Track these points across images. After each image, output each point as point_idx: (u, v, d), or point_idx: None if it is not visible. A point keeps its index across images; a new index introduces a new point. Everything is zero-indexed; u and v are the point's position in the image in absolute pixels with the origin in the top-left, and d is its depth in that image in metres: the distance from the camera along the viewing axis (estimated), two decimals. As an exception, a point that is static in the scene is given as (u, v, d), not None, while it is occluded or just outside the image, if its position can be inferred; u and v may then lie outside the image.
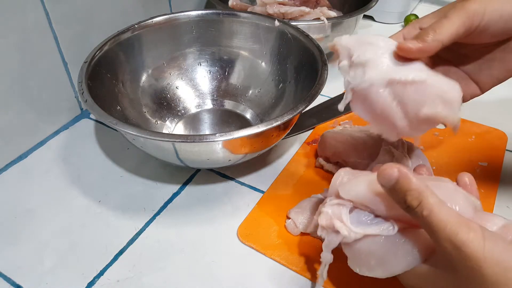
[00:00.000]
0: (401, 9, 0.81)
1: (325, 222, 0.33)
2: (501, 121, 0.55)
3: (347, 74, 0.34)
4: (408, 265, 0.30)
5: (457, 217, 0.27)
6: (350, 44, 0.34)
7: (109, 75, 0.50)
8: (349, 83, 0.34)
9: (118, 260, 0.41)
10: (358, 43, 0.34)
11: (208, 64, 0.59)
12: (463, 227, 0.26)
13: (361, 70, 0.33)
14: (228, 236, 0.43)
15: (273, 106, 0.56)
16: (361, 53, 0.33)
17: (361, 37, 0.34)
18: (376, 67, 0.32)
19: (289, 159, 0.51)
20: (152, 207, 0.46)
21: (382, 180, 0.29)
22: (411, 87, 0.31)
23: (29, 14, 0.48)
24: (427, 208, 0.27)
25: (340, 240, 0.32)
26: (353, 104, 0.35)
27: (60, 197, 0.47)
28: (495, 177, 0.48)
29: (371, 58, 0.33)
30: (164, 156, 0.44)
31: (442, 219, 0.26)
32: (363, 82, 0.32)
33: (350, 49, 0.34)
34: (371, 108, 0.33)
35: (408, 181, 0.28)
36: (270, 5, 0.64)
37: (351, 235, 0.31)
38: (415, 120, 0.32)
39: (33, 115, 0.52)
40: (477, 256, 0.25)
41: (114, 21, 0.59)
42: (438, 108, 0.31)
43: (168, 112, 0.56)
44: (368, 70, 0.32)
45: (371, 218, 0.32)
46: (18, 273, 0.40)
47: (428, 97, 0.31)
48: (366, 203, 0.32)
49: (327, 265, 0.34)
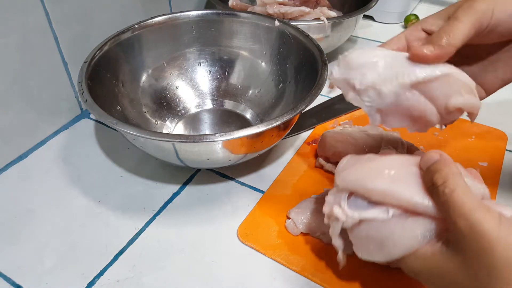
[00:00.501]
0: (401, 9, 0.81)
1: (327, 210, 0.34)
2: (501, 121, 0.55)
3: (361, 102, 0.34)
4: (407, 248, 0.30)
5: (478, 201, 0.27)
6: (343, 74, 0.34)
7: (109, 75, 0.50)
8: (370, 106, 0.33)
9: (118, 260, 0.41)
10: (350, 70, 0.33)
11: (208, 64, 0.59)
12: (482, 208, 0.26)
13: (373, 91, 0.32)
14: (228, 236, 0.43)
15: (273, 106, 0.56)
16: (361, 78, 0.33)
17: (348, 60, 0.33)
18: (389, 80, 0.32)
19: (289, 159, 0.51)
20: (152, 207, 0.46)
21: (423, 163, 0.31)
22: (436, 82, 0.31)
23: (29, 14, 0.48)
24: (450, 186, 0.28)
25: (340, 225, 0.33)
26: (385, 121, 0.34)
27: (60, 197, 0.47)
28: (495, 177, 0.48)
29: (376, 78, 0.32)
30: (164, 156, 0.44)
31: (462, 198, 0.27)
32: (386, 98, 0.32)
33: (346, 80, 0.33)
34: (406, 114, 0.33)
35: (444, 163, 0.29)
36: (270, 5, 0.64)
37: (348, 220, 0.32)
38: (444, 112, 0.33)
39: (33, 115, 0.52)
40: (491, 236, 0.25)
41: (114, 21, 0.59)
42: (465, 98, 0.32)
43: (168, 112, 0.56)
44: (382, 87, 0.32)
45: (367, 202, 0.32)
46: (18, 273, 0.40)
47: (454, 89, 0.32)
48: (359, 190, 0.33)
49: (341, 249, 0.35)
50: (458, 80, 0.32)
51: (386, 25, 0.82)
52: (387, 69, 0.32)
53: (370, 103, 0.33)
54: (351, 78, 0.33)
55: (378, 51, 0.34)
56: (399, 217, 0.31)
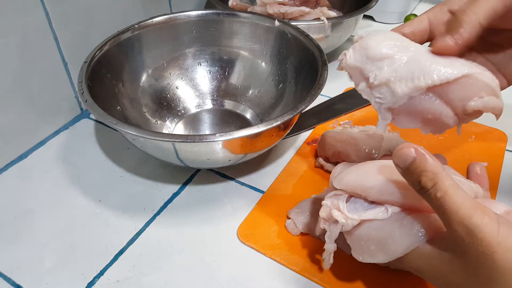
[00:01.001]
0: (401, 9, 0.81)
1: (325, 214, 0.34)
2: (501, 121, 0.55)
3: (371, 97, 0.32)
4: (408, 246, 0.30)
5: (472, 201, 0.26)
6: (358, 62, 0.32)
7: (109, 75, 0.50)
8: (381, 104, 0.32)
9: (118, 260, 0.41)
10: (367, 60, 0.31)
11: (208, 64, 0.59)
12: (478, 211, 0.25)
13: (386, 89, 0.31)
14: (228, 236, 0.43)
15: (273, 106, 0.56)
16: (377, 73, 0.31)
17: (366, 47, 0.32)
18: (404, 80, 0.30)
19: (289, 159, 0.51)
20: (152, 207, 0.46)
21: (397, 160, 0.28)
22: (454, 84, 0.30)
23: (29, 14, 0.48)
24: (441, 189, 0.26)
25: (340, 229, 0.33)
26: (396, 121, 0.33)
27: (60, 197, 0.47)
28: (495, 177, 0.48)
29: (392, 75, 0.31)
30: (164, 156, 0.44)
31: (456, 201, 0.26)
32: (399, 99, 0.31)
33: (361, 69, 0.32)
34: (419, 117, 0.32)
35: (425, 161, 0.27)
36: (270, 5, 0.64)
37: (348, 222, 0.32)
38: (462, 114, 0.31)
39: (33, 115, 0.52)
40: (491, 241, 0.25)
41: (114, 21, 0.59)
42: (484, 100, 0.30)
43: (168, 112, 0.56)
44: (396, 86, 0.30)
45: (366, 204, 0.33)
46: (18, 273, 0.40)
47: (473, 91, 0.30)
48: (357, 190, 0.33)
49: (331, 253, 0.35)
50: (478, 81, 0.30)
51: (386, 25, 0.82)
52: (405, 66, 0.30)
53: (381, 100, 0.32)
54: (366, 69, 0.31)
55: (400, 41, 0.32)
56: (398, 215, 0.31)
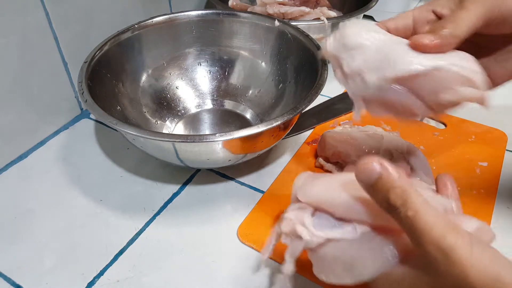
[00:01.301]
0: (401, 9, 0.81)
1: (288, 228, 0.31)
2: (501, 121, 0.55)
3: (346, 84, 0.32)
4: (378, 269, 0.27)
5: (444, 220, 0.24)
6: (336, 50, 0.32)
7: (109, 75, 0.50)
8: (354, 92, 0.32)
9: (118, 260, 0.41)
10: (343, 48, 0.31)
11: (208, 64, 0.59)
12: (451, 231, 0.24)
13: (359, 78, 0.31)
14: (228, 236, 0.43)
15: (273, 106, 0.56)
16: (349, 61, 0.31)
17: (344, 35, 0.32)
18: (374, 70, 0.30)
19: (289, 159, 0.51)
20: (152, 207, 0.46)
21: (361, 177, 0.26)
22: (423, 77, 0.29)
23: (29, 14, 0.48)
24: (412, 208, 0.24)
25: (303, 246, 0.30)
26: (369, 109, 0.33)
27: (60, 197, 0.47)
28: (495, 177, 0.48)
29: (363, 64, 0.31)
30: (164, 156, 0.44)
31: (428, 221, 0.24)
32: (368, 89, 0.31)
33: (337, 57, 0.32)
34: (390, 107, 0.32)
35: (392, 178, 0.25)
36: (270, 5, 0.64)
37: (313, 239, 0.29)
38: (436, 105, 0.31)
39: (33, 115, 0.52)
40: (464, 263, 0.23)
41: (114, 21, 0.59)
42: (459, 92, 0.29)
43: (168, 112, 0.56)
44: (366, 76, 0.30)
45: (333, 220, 0.30)
46: (18, 273, 0.40)
47: (444, 84, 0.29)
48: (323, 205, 0.30)
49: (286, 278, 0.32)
50: (450, 73, 0.29)
51: (386, 25, 0.82)
52: (377, 56, 0.30)
53: (355, 89, 0.32)
54: (340, 58, 0.32)
55: (376, 33, 0.32)
56: (368, 235, 0.28)
